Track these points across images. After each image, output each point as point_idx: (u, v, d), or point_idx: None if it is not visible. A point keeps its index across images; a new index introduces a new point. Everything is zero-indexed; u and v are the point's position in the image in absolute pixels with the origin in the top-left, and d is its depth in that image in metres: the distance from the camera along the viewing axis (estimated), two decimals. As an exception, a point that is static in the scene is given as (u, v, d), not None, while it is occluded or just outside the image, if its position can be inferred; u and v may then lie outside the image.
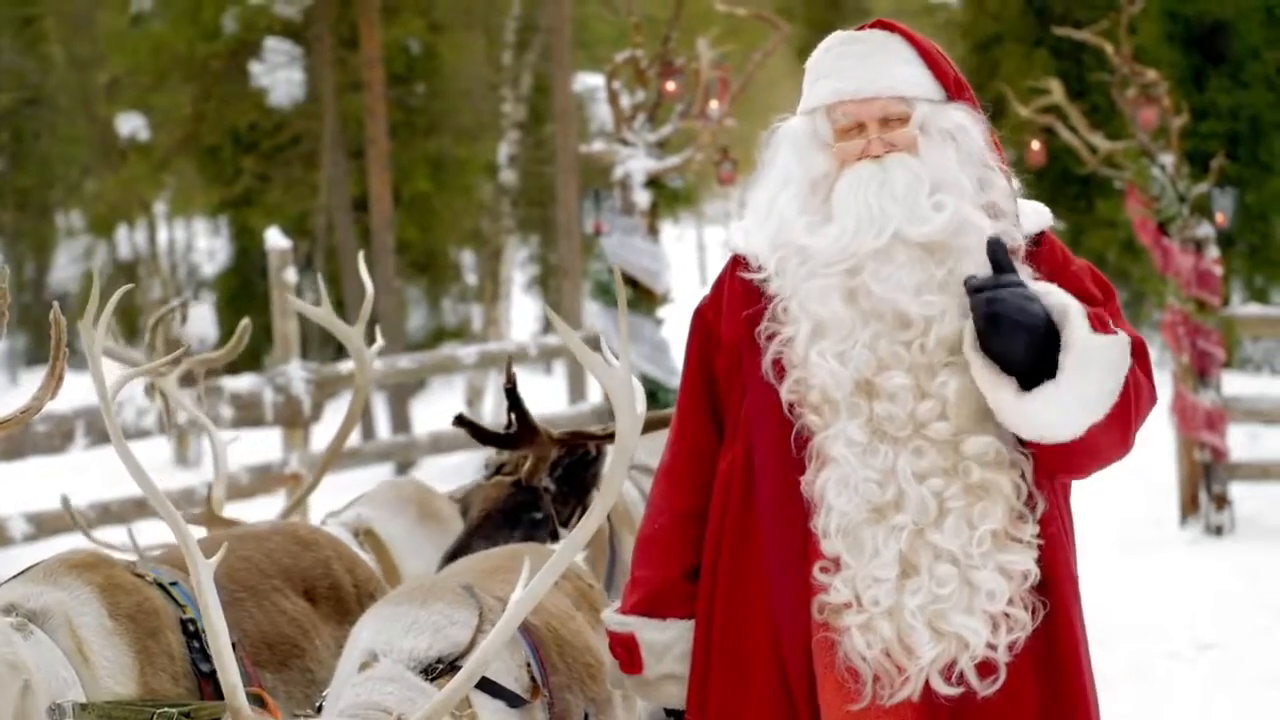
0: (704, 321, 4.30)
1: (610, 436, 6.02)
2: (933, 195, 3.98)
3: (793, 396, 4.05)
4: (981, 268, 3.94)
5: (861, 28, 4.20)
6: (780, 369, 4.07)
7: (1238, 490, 13.74)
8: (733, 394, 4.21)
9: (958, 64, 4.25)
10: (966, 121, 4.09)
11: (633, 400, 3.88)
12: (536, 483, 5.90)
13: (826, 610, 4.01)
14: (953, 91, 4.13)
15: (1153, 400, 4.03)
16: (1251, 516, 13.65)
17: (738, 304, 4.18)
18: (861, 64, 4.09)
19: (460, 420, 5.93)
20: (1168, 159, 13.88)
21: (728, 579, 4.14)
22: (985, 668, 3.94)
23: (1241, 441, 15.06)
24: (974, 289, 3.89)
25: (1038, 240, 4.13)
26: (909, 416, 3.95)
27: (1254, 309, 16.89)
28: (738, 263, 4.22)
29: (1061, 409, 3.87)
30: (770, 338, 4.09)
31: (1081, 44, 17.77)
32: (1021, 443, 3.97)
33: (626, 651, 4.31)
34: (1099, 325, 3.91)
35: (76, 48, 28.96)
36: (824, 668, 4.01)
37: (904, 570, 3.94)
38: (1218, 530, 13.39)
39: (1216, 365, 13.58)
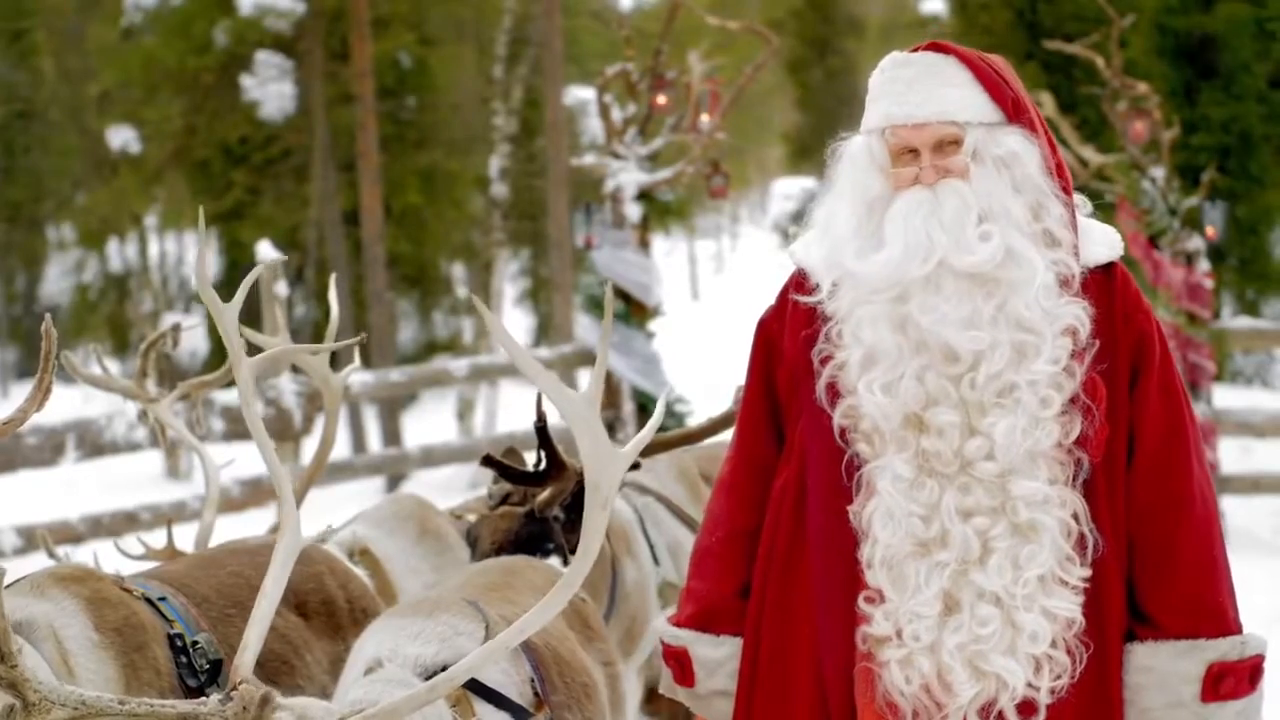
0: (767, 333, 4.27)
1: (635, 465, 5.98)
2: (980, 225, 3.92)
3: (845, 422, 4.02)
4: (1031, 304, 3.89)
5: (916, 49, 4.12)
6: (834, 393, 4.04)
7: (1229, 504, 13.72)
8: (792, 411, 4.16)
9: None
10: (1021, 147, 4.00)
11: (596, 428, 3.61)
12: (548, 513, 5.86)
13: (869, 641, 3.99)
14: (1011, 113, 4.04)
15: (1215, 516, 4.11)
16: (1243, 530, 13.63)
17: (799, 321, 4.13)
18: (912, 88, 4.02)
19: (488, 460, 5.87)
20: (1158, 172, 13.90)
21: (775, 601, 4.13)
22: (1026, 708, 3.92)
23: (1233, 455, 15.06)
24: None
25: (1109, 269, 4.08)
26: (955, 454, 3.91)
27: (1245, 322, 16.91)
28: (800, 276, 4.18)
29: None
30: (825, 360, 4.04)
31: (1072, 57, 17.79)
32: (1075, 481, 3.94)
33: (679, 665, 4.31)
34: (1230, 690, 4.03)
35: (67, 61, 28.95)
36: (865, 698, 4.00)
37: (947, 607, 3.92)
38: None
39: (1208, 378, 13.58)
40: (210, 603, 4.94)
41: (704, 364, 20.58)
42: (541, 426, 5.75)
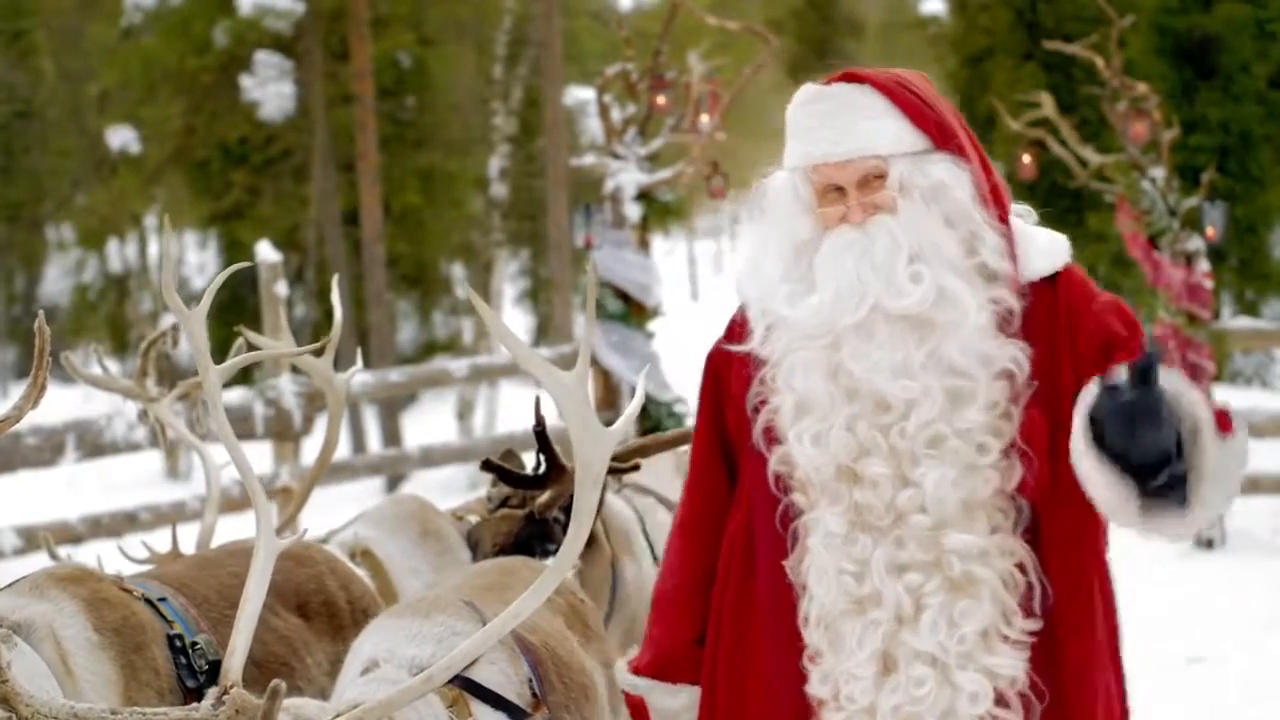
0: (714, 368, 4.11)
1: (634, 467, 5.97)
2: (911, 265, 3.74)
3: (781, 469, 3.88)
4: (965, 348, 3.71)
5: (830, 80, 3.92)
6: (771, 438, 3.89)
7: (1228, 504, 13.71)
8: (742, 450, 4.01)
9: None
10: (949, 175, 3.81)
11: (585, 407, 3.57)
12: (549, 515, 5.84)
13: (814, 701, 3.85)
14: (937, 139, 3.85)
15: None
16: (1242, 530, 13.64)
17: (742, 358, 3.98)
18: (828, 124, 3.85)
19: (488, 465, 5.86)
20: (1158, 172, 13.89)
21: (729, 651, 4.00)
22: None
23: (1232, 455, 15.03)
24: (1110, 389, 3.46)
25: (1053, 279, 3.85)
26: (888, 506, 3.74)
27: (1244, 322, 16.91)
28: (745, 312, 4.02)
29: (1190, 524, 3.62)
30: (761, 404, 3.91)
31: (1072, 58, 17.80)
32: (1017, 529, 3.76)
33: (639, 714, 4.24)
34: (1222, 421, 3.58)
35: (67, 61, 28.96)
36: None
37: (885, 667, 3.76)
38: (1208, 544, 13.39)
39: (1207, 378, 13.58)
40: (210, 603, 4.94)
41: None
42: (541, 430, 5.74)
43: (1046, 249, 3.87)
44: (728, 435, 4.06)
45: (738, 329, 4.04)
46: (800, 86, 3.99)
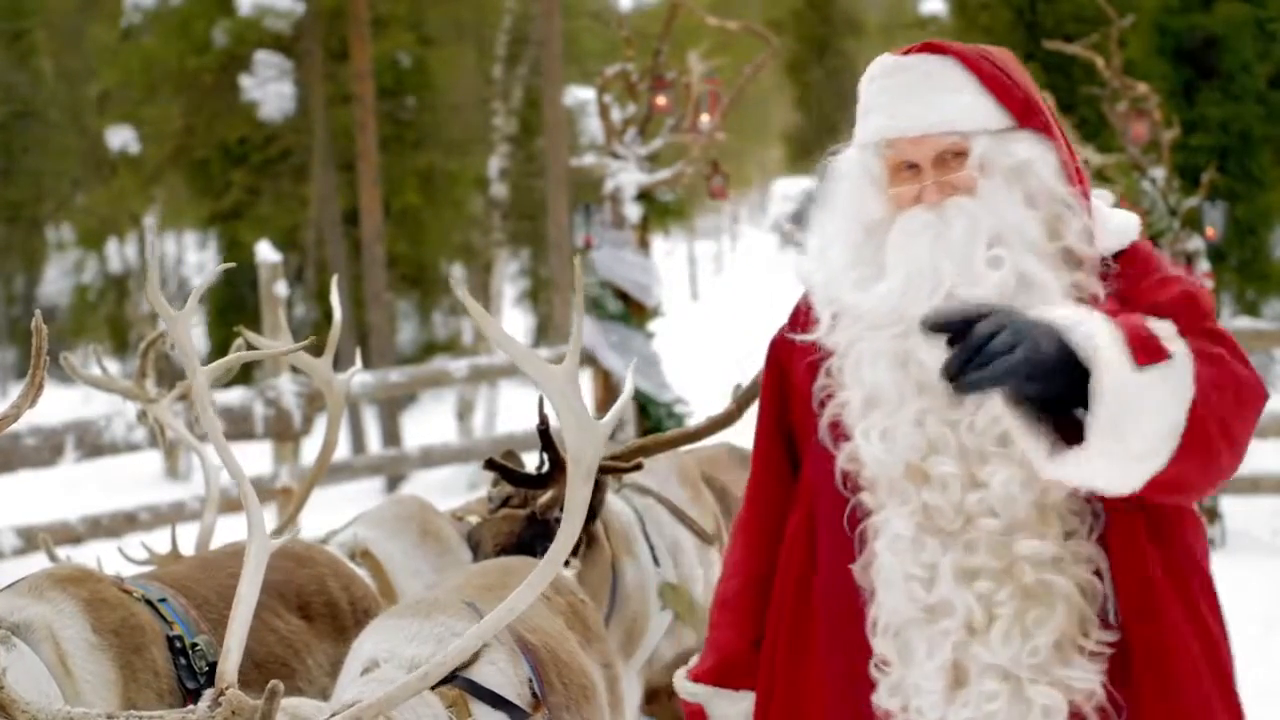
0: (777, 358, 3.90)
1: (637, 466, 5.97)
2: (990, 249, 3.50)
3: (849, 467, 3.65)
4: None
5: (909, 51, 3.69)
6: (838, 433, 3.67)
7: (1228, 504, 13.72)
8: (805, 445, 3.81)
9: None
10: (1034, 154, 3.58)
11: (576, 402, 3.51)
12: (550, 515, 5.84)
13: (882, 713, 3.66)
14: (1021, 116, 3.62)
15: (1258, 396, 3.41)
16: (1242, 530, 13.65)
17: (805, 347, 3.76)
18: (907, 97, 3.61)
19: (491, 464, 5.85)
20: (1158, 173, 13.90)
21: (786, 654, 3.84)
22: None
23: (1232, 455, 15.03)
24: (950, 376, 3.27)
25: (1118, 255, 3.62)
26: (957, 509, 3.53)
27: (1245, 322, 16.90)
28: (809, 299, 3.81)
29: (1107, 465, 3.29)
30: (827, 398, 3.69)
31: (1072, 58, 17.79)
32: (1091, 535, 3.53)
33: None
34: (1145, 350, 3.29)
35: (67, 61, 28.96)
36: None
37: (956, 679, 3.55)
38: (1208, 544, 13.38)
39: (1207, 378, 13.56)
40: (210, 605, 4.94)
41: (704, 365, 20.59)
42: (544, 429, 5.74)
43: (1118, 228, 3.66)
44: (791, 426, 3.87)
45: (802, 317, 3.83)
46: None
